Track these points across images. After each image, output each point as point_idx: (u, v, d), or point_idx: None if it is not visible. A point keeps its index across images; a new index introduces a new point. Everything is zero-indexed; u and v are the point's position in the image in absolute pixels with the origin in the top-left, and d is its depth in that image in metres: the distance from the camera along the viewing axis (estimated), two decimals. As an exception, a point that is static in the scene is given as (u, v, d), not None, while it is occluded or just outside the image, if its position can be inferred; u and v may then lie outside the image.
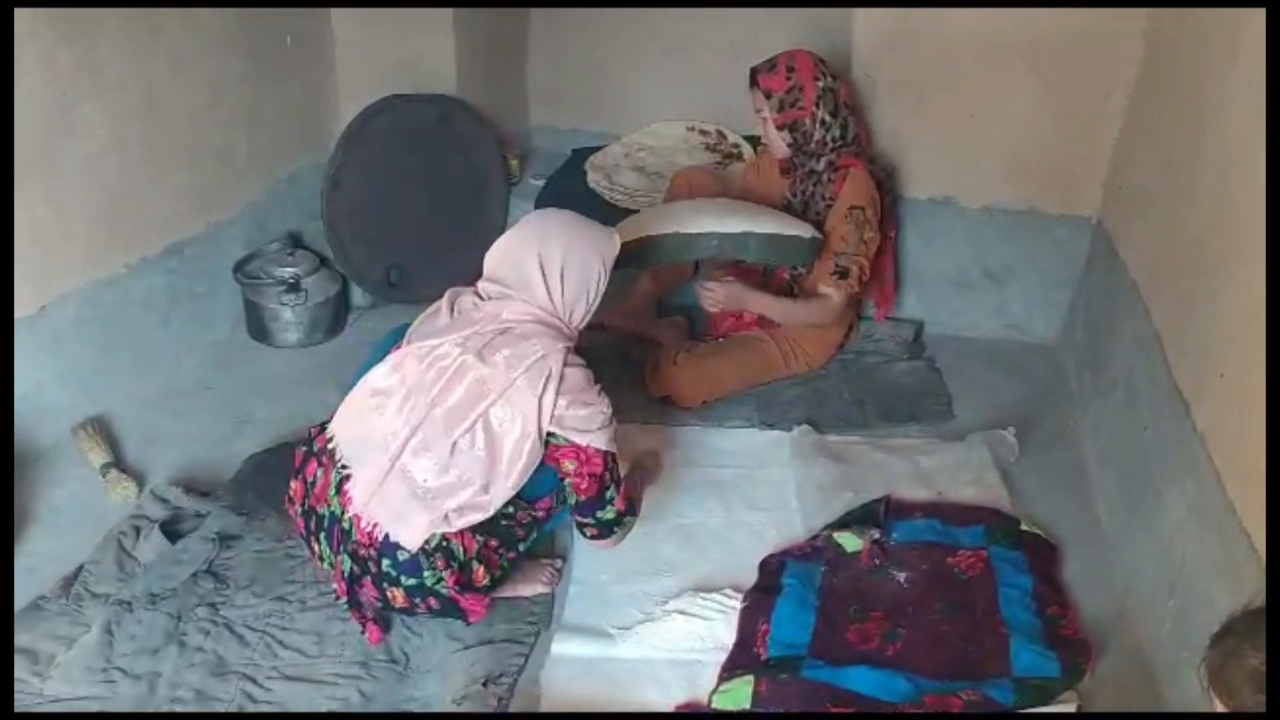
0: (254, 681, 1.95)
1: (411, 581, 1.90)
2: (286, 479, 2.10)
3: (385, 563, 1.90)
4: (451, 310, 2.03)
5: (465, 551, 1.92)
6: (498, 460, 1.89)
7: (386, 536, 1.88)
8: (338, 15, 3.24)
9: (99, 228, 2.57)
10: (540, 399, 1.87)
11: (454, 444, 1.87)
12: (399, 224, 3.18)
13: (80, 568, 2.16)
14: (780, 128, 2.76)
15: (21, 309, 2.40)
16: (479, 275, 2.07)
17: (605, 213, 3.10)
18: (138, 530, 2.24)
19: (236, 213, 3.01)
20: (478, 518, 1.90)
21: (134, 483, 2.39)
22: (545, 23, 3.69)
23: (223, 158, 2.93)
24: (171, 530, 2.25)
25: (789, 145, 2.78)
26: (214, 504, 2.33)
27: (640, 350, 2.89)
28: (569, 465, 1.93)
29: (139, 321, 2.73)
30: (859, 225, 2.72)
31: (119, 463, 2.46)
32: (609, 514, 2.02)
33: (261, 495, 2.34)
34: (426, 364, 1.92)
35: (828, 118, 2.73)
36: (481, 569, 1.94)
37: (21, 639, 1.99)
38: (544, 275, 1.97)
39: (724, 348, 2.84)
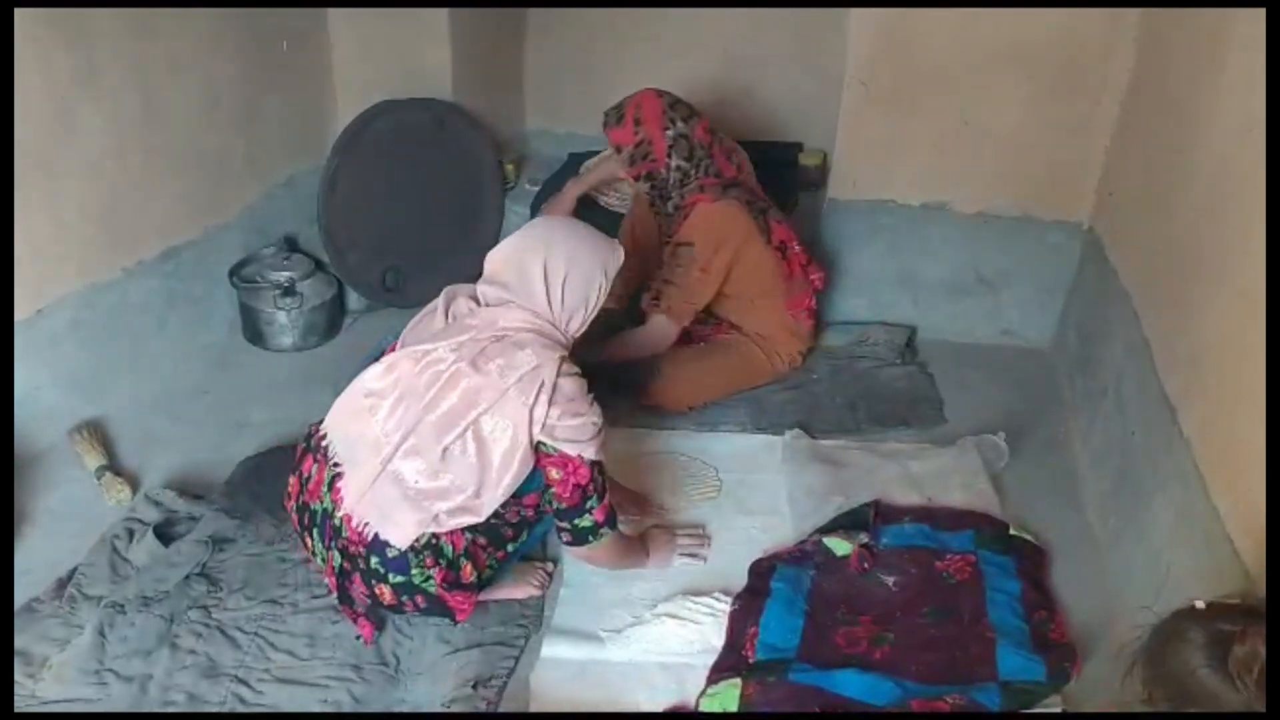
0: (246, 684, 1.96)
1: (399, 579, 1.91)
2: (280, 482, 2.11)
3: (374, 560, 1.91)
4: (447, 313, 2.04)
5: (454, 549, 1.93)
6: (488, 468, 1.89)
7: (376, 535, 1.89)
8: (334, 20, 3.25)
9: (96, 231, 2.59)
10: (531, 410, 1.86)
11: (445, 450, 1.88)
12: (395, 228, 3.20)
13: (74, 570, 2.17)
14: (636, 179, 2.72)
15: (19, 312, 2.41)
16: (475, 278, 2.07)
17: (600, 217, 3.12)
18: (131, 533, 2.26)
19: (233, 217, 3.03)
20: (470, 520, 1.91)
21: (129, 486, 2.40)
22: (541, 27, 3.71)
23: (220, 162, 2.95)
24: (165, 533, 2.26)
25: (648, 193, 2.76)
26: (207, 507, 2.34)
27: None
28: (555, 474, 1.92)
29: (135, 325, 2.74)
30: (678, 260, 2.66)
31: (114, 466, 2.47)
32: (586, 521, 2.00)
33: (255, 499, 2.35)
34: (420, 367, 1.93)
35: (683, 163, 2.68)
36: (469, 566, 1.95)
37: (15, 640, 2.00)
38: (546, 283, 1.97)
39: (706, 353, 2.85)
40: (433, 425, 1.88)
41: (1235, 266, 1.89)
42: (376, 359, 2.35)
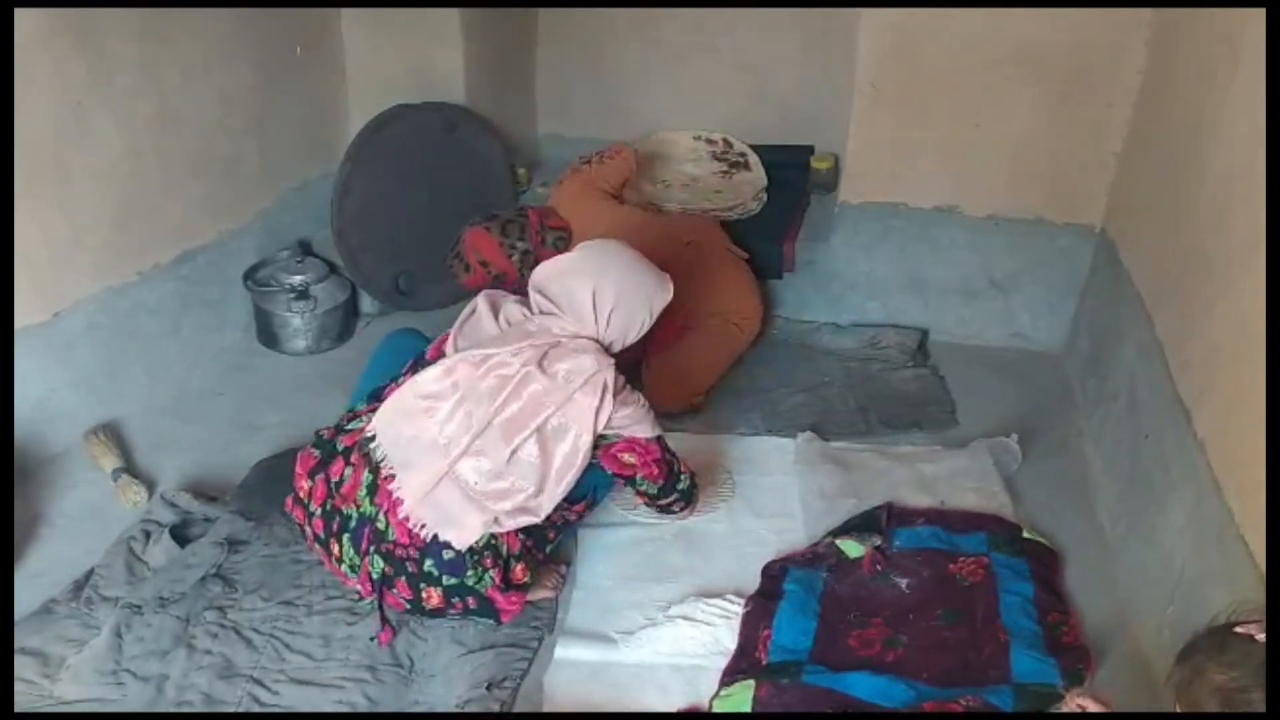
0: (261, 684, 1.97)
1: (452, 581, 1.95)
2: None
3: (428, 563, 1.94)
4: (497, 317, 2.09)
5: (510, 550, 1.98)
6: (549, 469, 1.95)
7: (435, 537, 1.92)
8: (347, 25, 3.28)
9: (112, 236, 2.61)
10: (597, 412, 1.96)
11: (513, 452, 1.93)
12: (408, 231, 3.21)
13: (91, 571, 2.19)
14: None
15: (35, 316, 2.43)
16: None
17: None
18: (147, 535, 2.27)
19: (247, 221, 3.05)
20: (529, 520, 1.96)
21: (144, 487, 2.42)
22: (553, 32, 3.72)
23: (234, 166, 2.97)
24: (181, 535, 2.28)
25: None
26: (222, 509, 2.35)
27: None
28: (629, 458, 2.06)
29: (150, 328, 2.76)
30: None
31: (129, 468, 2.49)
32: (685, 483, 2.22)
33: (269, 500, 2.36)
34: (484, 371, 1.97)
35: (529, 270, 2.78)
36: (520, 567, 2.01)
37: (33, 641, 2.02)
38: (594, 309, 2.05)
39: (676, 349, 2.84)
40: (500, 428, 1.93)
41: (1248, 268, 1.88)
42: (380, 362, 2.36)
